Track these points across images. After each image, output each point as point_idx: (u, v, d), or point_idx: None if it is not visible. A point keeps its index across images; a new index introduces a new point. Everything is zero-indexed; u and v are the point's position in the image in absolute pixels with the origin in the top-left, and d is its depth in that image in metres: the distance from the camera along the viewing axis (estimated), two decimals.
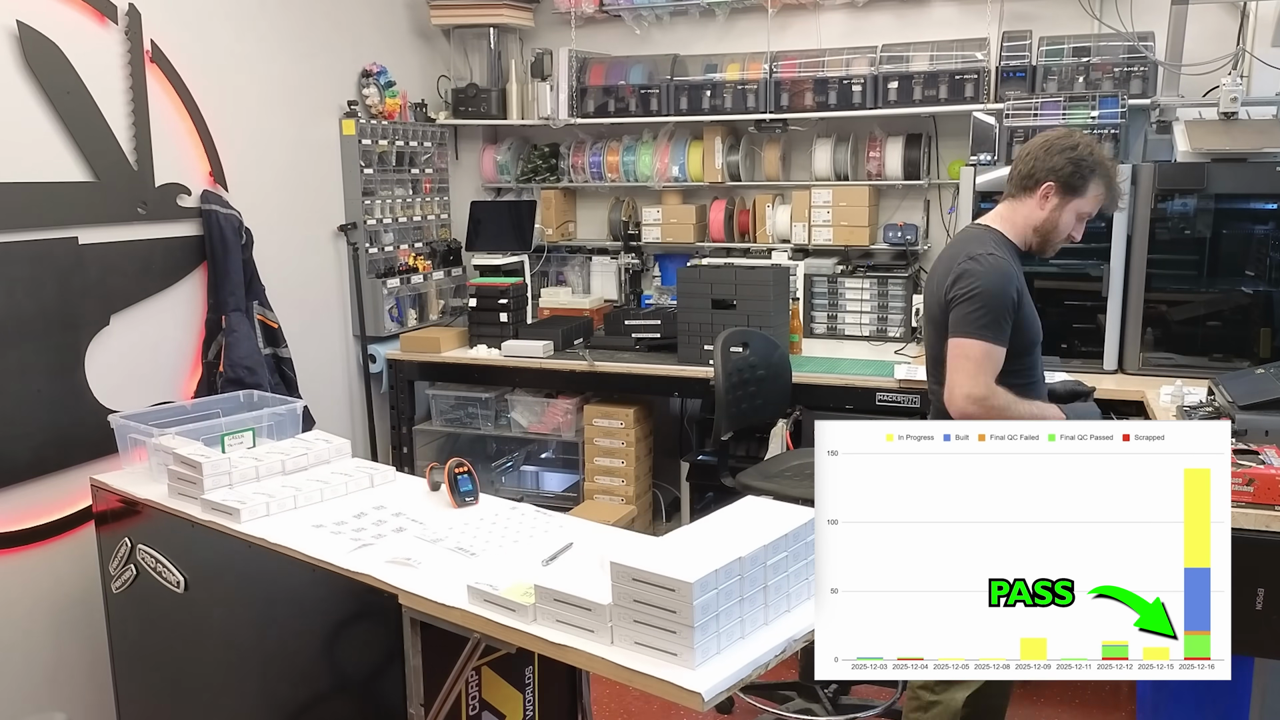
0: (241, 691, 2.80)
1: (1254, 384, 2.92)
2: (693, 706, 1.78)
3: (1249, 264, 3.81)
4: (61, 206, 3.33)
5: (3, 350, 3.15)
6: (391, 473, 2.97)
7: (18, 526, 3.23)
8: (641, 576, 1.85)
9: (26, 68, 3.21)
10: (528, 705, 2.54)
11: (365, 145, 4.68)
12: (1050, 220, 2.78)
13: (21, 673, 3.26)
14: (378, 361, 4.82)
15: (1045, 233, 2.81)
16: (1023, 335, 2.81)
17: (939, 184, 4.67)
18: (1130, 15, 4.22)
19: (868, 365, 4.23)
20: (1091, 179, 2.73)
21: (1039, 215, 2.78)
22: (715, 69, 4.80)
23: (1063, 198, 2.74)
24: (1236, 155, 3.68)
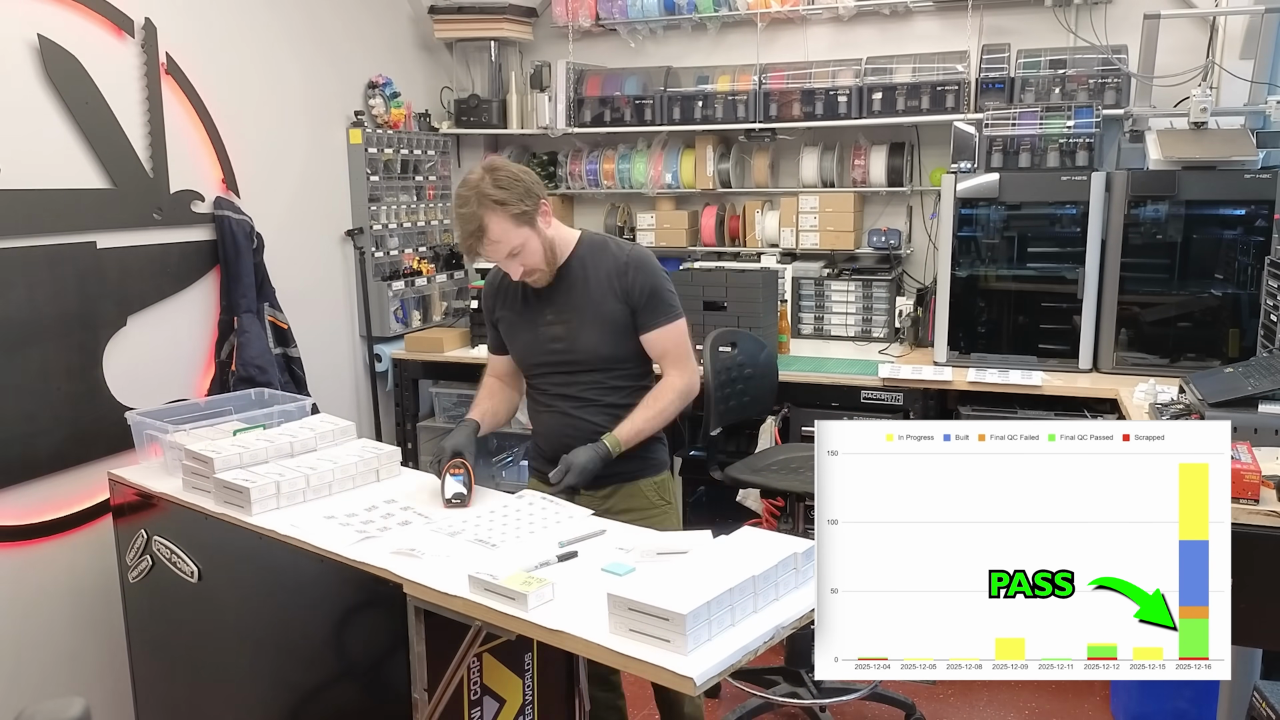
0: (253, 676, 2.80)
1: (1223, 382, 2.92)
2: (685, 691, 1.79)
3: (1218, 268, 3.82)
4: (80, 212, 3.33)
5: (24, 350, 3.15)
6: (397, 465, 2.98)
7: (39, 519, 3.23)
8: (637, 606, 1.86)
9: (47, 79, 3.21)
10: (527, 690, 2.54)
11: (371, 153, 4.68)
12: None
13: (42, 659, 3.26)
14: (383, 361, 4.82)
15: None
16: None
17: (921, 191, 4.67)
18: (1104, 29, 4.23)
19: (853, 364, 4.24)
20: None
21: None
22: (707, 81, 4.80)
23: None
24: (1206, 163, 3.69)
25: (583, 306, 2.73)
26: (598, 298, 2.71)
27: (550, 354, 2.77)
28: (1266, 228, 3.58)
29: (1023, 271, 4.01)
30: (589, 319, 2.72)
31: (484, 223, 2.55)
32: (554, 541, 2.36)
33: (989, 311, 4.09)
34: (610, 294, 2.71)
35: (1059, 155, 3.94)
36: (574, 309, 2.73)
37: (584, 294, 2.72)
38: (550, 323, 2.76)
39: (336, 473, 2.78)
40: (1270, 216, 3.57)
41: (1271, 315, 3.14)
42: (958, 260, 4.01)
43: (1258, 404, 2.75)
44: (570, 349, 2.74)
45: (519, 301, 2.82)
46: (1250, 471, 2.31)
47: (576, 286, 2.73)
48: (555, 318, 2.75)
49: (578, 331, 2.73)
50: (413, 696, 2.27)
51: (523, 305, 2.81)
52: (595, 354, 2.73)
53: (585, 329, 2.73)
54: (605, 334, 2.72)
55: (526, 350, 2.84)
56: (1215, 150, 3.69)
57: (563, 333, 2.74)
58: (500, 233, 2.56)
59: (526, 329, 2.81)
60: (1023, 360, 3.96)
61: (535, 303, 2.78)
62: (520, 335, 2.84)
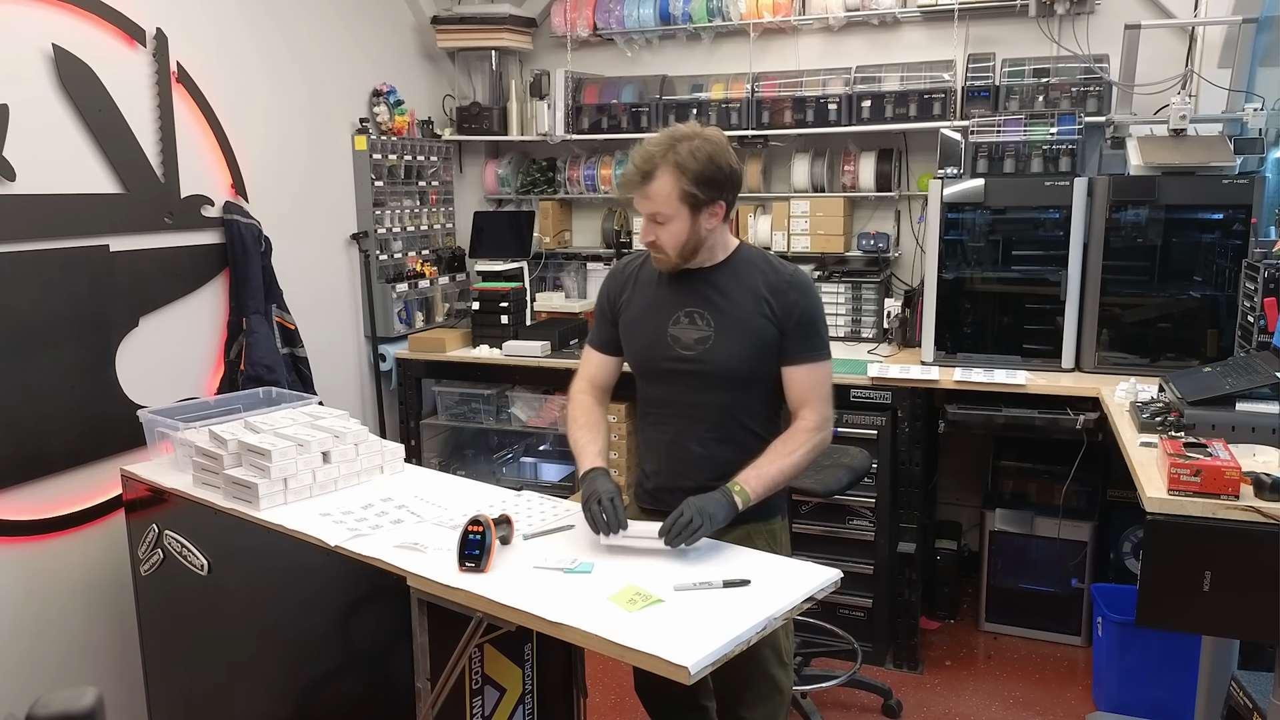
0: (261, 665, 2.80)
1: (1202, 381, 2.93)
2: (680, 680, 1.80)
3: (1197, 270, 3.82)
4: (94, 216, 3.32)
5: (39, 350, 3.14)
6: (401, 462, 2.99)
7: (53, 514, 3.23)
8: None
9: (61, 87, 3.20)
10: (526, 680, 2.55)
11: (376, 159, 4.67)
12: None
13: (56, 649, 3.26)
14: (387, 360, 4.82)
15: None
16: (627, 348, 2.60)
17: (909, 195, 4.67)
18: (1086, 39, 4.24)
19: (843, 364, 4.23)
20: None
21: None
22: (701, 89, 4.81)
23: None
24: (1185, 169, 3.70)
25: (726, 314, 2.41)
26: (746, 310, 2.40)
27: (676, 360, 2.44)
28: (1244, 231, 3.58)
29: (1007, 274, 4.01)
30: (731, 329, 2.41)
31: (656, 173, 2.32)
32: (556, 541, 2.38)
33: (974, 313, 4.09)
34: (760, 309, 2.39)
35: (1042, 161, 3.94)
36: (715, 315, 2.42)
37: (730, 302, 2.41)
38: (684, 324, 2.44)
39: (343, 469, 2.79)
40: (1247, 220, 3.57)
41: (1249, 316, 3.14)
42: (944, 263, 4.01)
43: (1235, 402, 2.75)
44: (701, 357, 2.41)
45: (654, 290, 2.51)
46: (1230, 468, 2.31)
47: (723, 293, 2.43)
48: (690, 321, 2.43)
49: (714, 340, 2.41)
50: (416, 686, 2.28)
51: (656, 296, 2.50)
52: (727, 369, 2.40)
53: (724, 339, 2.41)
54: (745, 349, 2.40)
55: (648, 348, 2.49)
56: (1194, 156, 3.69)
57: (696, 338, 2.42)
58: (661, 192, 2.33)
59: (654, 323, 2.47)
60: (1007, 360, 3.96)
61: (671, 298, 2.47)
62: (645, 329, 2.50)
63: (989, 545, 4.30)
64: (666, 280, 2.48)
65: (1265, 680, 2.47)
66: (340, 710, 2.62)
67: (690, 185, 2.31)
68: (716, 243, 2.44)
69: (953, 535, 4.57)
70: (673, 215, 2.34)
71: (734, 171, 2.38)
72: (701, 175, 2.31)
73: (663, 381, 2.49)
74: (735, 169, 2.38)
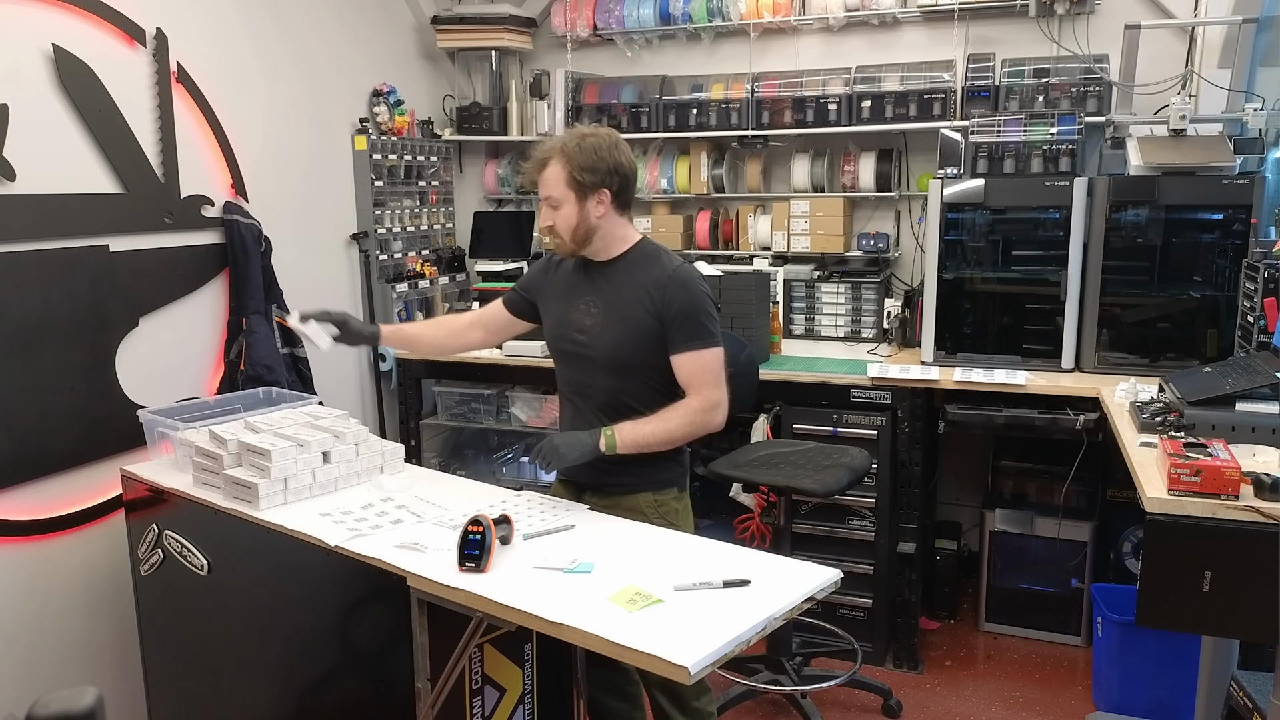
0: (261, 665, 2.80)
1: (1201, 381, 2.92)
2: (679, 680, 1.79)
3: (1197, 270, 3.82)
4: (94, 216, 3.32)
5: (39, 350, 3.14)
6: (401, 462, 2.98)
7: (53, 514, 3.22)
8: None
9: (61, 88, 3.20)
10: (526, 680, 2.54)
11: (376, 160, 4.67)
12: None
13: (56, 649, 3.26)
14: (387, 360, 4.82)
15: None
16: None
17: (909, 195, 4.67)
18: (1086, 39, 4.24)
19: (842, 364, 4.23)
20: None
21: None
22: (701, 89, 4.81)
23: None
24: (1185, 169, 3.69)
25: (613, 306, 2.69)
26: (629, 303, 2.66)
27: (572, 342, 2.75)
28: (1243, 231, 3.58)
29: (1007, 274, 4.01)
30: (615, 321, 2.68)
31: (550, 162, 2.66)
32: (558, 539, 2.38)
33: (974, 313, 4.08)
34: (642, 304, 2.64)
35: (1042, 161, 3.94)
36: (603, 305, 2.70)
37: (617, 295, 2.69)
38: (580, 311, 2.73)
39: (343, 469, 2.78)
40: (1247, 220, 3.57)
41: (1248, 316, 3.14)
42: (944, 263, 4.01)
43: (1235, 402, 2.74)
44: (590, 343, 2.71)
45: (568, 278, 2.81)
46: (1230, 468, 2.30)
47: (614, 286, 2.70)
48: (587, 308, 2.72)
49: (601, 328, 2.69)
50: (415, 686, 2.27)
51: (568, 283, 2.80)
52: (610, 356, 2.68)
53: (608, 329, 2.68)
54: (625, 340, 2.66)
55: (555, 328, 2.81)
56: (1194, 156, 3.69)
57: (588, 325, 2.71)
58: (551, 178, 2.66)
59: (561, 308, 2.79)
60: (1007, 360, 3.96)
61: (576, 287, 2.77)
62: (555, 311, 2.81)
63: (989, 545, 4.30)
64: (579, 272, 2.79)
65: (1265, 680, 2.47)
66: (340, 710, 2.62)
67: (577, 172, 2.62)
68: (613, 236, 2.72)
69: (953, 535, 4.57)
70: (562, 199, 2.65)
71: (618, 164, 2.66)
72: (585, 164, 2.62)
73: (564, 362, 2.82)
74: (620, 162, 2.67)
